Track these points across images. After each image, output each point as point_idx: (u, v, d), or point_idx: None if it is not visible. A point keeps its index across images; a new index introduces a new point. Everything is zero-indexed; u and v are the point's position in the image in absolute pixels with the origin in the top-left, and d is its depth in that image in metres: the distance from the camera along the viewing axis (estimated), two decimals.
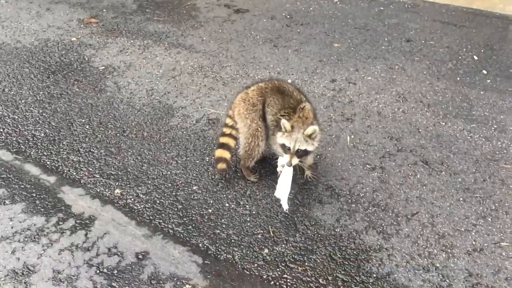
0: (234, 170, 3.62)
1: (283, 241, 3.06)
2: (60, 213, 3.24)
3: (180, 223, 3.18)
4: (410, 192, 3.42)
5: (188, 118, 4.23)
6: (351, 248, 3.01)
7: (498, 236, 3.05)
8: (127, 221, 3.19)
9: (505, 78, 4.76)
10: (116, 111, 4.32)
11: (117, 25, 6.01)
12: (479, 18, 6.15)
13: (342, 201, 3.36)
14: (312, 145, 3.13)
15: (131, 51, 5.37)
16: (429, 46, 5.46)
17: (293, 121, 3.15)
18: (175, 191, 3.45)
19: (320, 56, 5.27)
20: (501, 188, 3.42)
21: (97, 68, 5.01)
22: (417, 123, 4.14)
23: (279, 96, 3.32)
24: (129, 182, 3.52)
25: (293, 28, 5.98)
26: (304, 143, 3.08)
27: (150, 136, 4.00)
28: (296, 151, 3.09)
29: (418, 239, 3.05)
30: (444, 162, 3.68)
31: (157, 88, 4.67)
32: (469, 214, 3.22)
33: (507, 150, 3.78)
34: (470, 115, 4.22)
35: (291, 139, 3.08)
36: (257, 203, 3.35)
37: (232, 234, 3.11)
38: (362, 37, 5.72)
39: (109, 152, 3.82)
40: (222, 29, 5.98)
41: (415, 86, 4.68)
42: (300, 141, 3.07)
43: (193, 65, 5.09)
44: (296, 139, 3.06)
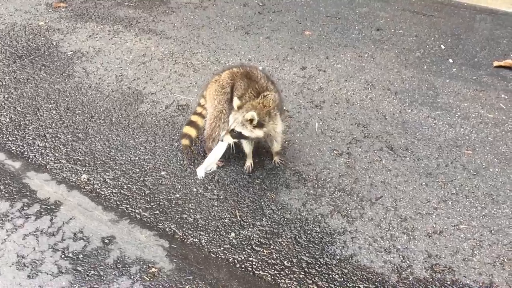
0: (203, 155, 3.63)
1: (250, 225, 3.10)
2: (25, 199, 3.21)
3: (147, 208, 3.19)
4: (375, 177, 3.50)
5: (158, 104, 4.22)
6: (316, 231, 3.07)
7: (457, 219, 3.15)
8: (94, 206, 3.18)
9: (470, 67, 4.88)
10: (84, 96, 4.27)
11: (86, 9, 5.90)
12: (448, 8, 6.26)
13: (308, 186, 3.41)
14: (249, 132, 3.12)
15: (101, 36, 5.29)
16: (398, 35, 5.54)
17: (247, 103, 3.18)
18: (143, 176, 3.44)
19: (291, 43, 5.30)
20: (462, 173, 3.53)
21: (65, 53, 4.93)
22: (384, 110, 4.22)
23: (246, 81, 3.36)
24: (96, 167, 3.50)
25: (265, 16, 5.98)
26: (240, 126, 3.10)
27: (118, 122, 3.97)
28: (231, 130, 3.13)
29: (381, 222, 3.13)
30: (409, 148, 3.77)
31: (127, 74, 4.63)
32: (431, 198, 3.32)
33: (469, 137, 3.89)
34: (435, 102, 4.32)
35: (233, 118, 3.15)
36: (225, 188, 3.37)
37: (199, 218, 3.13)
38: (333, 25, 5.76)
39: (76, 137, 3.78)
40: (194, 15, 5.94)
41: (383, 74, 4.75)
42: (238, 122, 3.10)
43: (163, 51, 5.05)
44: (236, 119, 3.12)
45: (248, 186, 3.40)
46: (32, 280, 2.72)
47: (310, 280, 2.78)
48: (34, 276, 2.74)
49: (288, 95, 4.36)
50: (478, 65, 4.92)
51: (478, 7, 6.33)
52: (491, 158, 3.66)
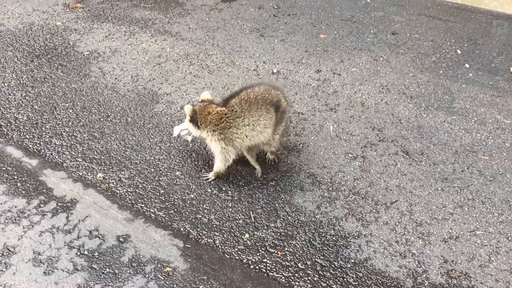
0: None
1: (264, 227, 3.10)
2: (41, 196, 3.24)
3: (162, 208, 3.20)
4: (390, 181, 3.48)
5: (173, 104, 4.24)
6: (330, 234, 3.06)
7: (473, 225, 3.12)
8: (109, 204, 3.20)
9: (486, 72, 4.84)
10: (100, 96, 4.30)
11: (103, 10, 5.96)
12: (464, 13, 6.22)
13: (323, 188, 3.40)
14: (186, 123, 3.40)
15: (117, 37, 5.34)
16: (414, 39, 5.52)
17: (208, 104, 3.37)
18: (158, 176, 3.46)
19: (306, 46, 5.29)
20: (479, 178, 3.50)
21: (82, 53, 4.98)
22: (400, 114, 4.20)
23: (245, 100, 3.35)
24: (111, 166, 3.52)
25: (280, 18, 5.99)
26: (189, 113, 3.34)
27: (134, 122, 3.99)
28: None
29: (396, 226, 3.11)
30: (424, 152, 3.75)
31: (142, 75, 4.66)
32: (447, 203, 3.29)
33: (485, 142, 3.85)
34: (451, 107, 4.29)
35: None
36: (239, 189, 3.37)
37: (214, 219, 3.14)
38: (348, 29, 5.75)
39: (92, 136, 3.81)
40: (209, 17, 5.96)
41: (398, 78, 4.73)
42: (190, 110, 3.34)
43: (179, 53, 5.08)
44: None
45: (262, 187, 3.39)
46: (48, 276, 2.74)
47: (324, 283, 2.77)
48: (50, 272, 2.76)
49: (303, 97, 4.36)
50: (495, 70, 4.88)
51: (495, 12, 6.28)
52: (508, 164, 3.62)
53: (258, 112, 3.23)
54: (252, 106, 3.22)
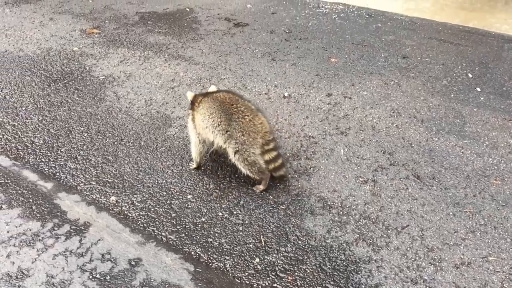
0: (229, 180, 3.68)
1: (274, 251, 3.11)
2: (55, 219, 3.29)
3: (174, 231, 3.23)
4: (401, 205, 3.47)
5: (185, 128, 4.30)
6: (341, 259, 3.05)
7: (486, 251, 3.09)
8: (121, 228, 3.24)
9: (498, 96, 4.84)
10: (115, 120, 4.39)
11: (118, 36, 6.11)
12: (475, 37, 6.25)
13: (333, 212, 3.41)
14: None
15: (132, 61, 5.46)
16: (425, 63, 5.55)
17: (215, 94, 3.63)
18: (169, 199, 3.50)
19: (317, 70, 5.36)
20: (491, 203, 3.47)
21: (98, 77, 5.10)
22: (410, 138, 4.20)
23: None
24: (124, 189, 3.58)
25: (291, 43, 6.07)
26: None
27: (147, 145, 4.06)
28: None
29: (407, 251, 3.10)
30: (436, 176, 3.74)
31: (156, 99, 4.75)
32: (459, 228, 3.27)
33: (497, 166, 3.84)
34: (462, 131, 4.29)
35: None
36: (250, 213, 3.40)
37: (224, 243, 3.16)
38: (359, 53, 5.81)
39: (106, 160, 3.88)
40: (221, 42, 6.08)
41: (409, 101, 4.75)
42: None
43: (192, 77, 5.17)
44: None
45: (273, 211, 3.41)
46: None
47: None
48: None
49: (314, 121, 4.40)
50: (506, 94, 4.88)
51: (506, 36, 6.30)
52: None
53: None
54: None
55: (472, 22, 6.76)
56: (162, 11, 7.08)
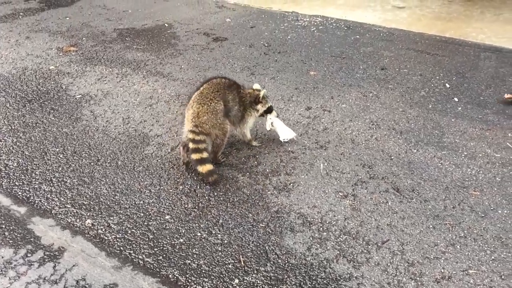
0: (208, 199, 3.63)
1: (254, 271, 3.05)
2: (29, 245, 3.20)
3: (151, 254, 3.17)
4: (381, 219, 3.45)
5: (164, 146, 4.25)
6: (321, 277, 3.01)
7: (466, 264, 3.08)
8: (97, 252, 3.17)
9: (475, 105, 4.88)
10: (91, 139, 4.32)
11: (96, 53, 6.05)
12: (452, 47, 6.32)
13: (313, 229, 3.37)
14: None
15: (109, 79, 5.40)
16: (403, 74, 5.59)
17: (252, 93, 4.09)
18: (147, 220, 3.44)
19: (296, 83, 5.35)
20: (470, 215, 3.47)
21: (74, 96, 5.03)
22: (390, 150, 4.20)
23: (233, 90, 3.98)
24: (101, 212, 3.50)
25: (270, 56, 6.08)
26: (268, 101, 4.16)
27: (124, 165, 4.00)
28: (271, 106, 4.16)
29: (387, 267, 3.07)
30: (415, 189, 3.73)
31: (134, 117, 4.69)
32: (439, 242, 3.25)
33: (476, 177, 3.85)
34: (441, 142, 4.30)
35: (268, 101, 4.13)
36: (229, 232, 3.35)
37: (203, 264, 3.10)
38: (338, 65, 5.83)
39: (82, 181, 3.80)
40: (200, 57, 6.06)
41: (388, 113, 4.77)
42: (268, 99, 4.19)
43: (170, 93, 5.13)
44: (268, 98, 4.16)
45: (253, 230, 3.37)
46: None
47: None
48: None
49: None
50: (483, 103, 4.92)
51: (483, 45, 6.39)
52: (499, 199, 3.61)
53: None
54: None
55: (449, 32, 6.85)
56: (141, 27, 7.05)
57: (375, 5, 8.28)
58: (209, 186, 3.73)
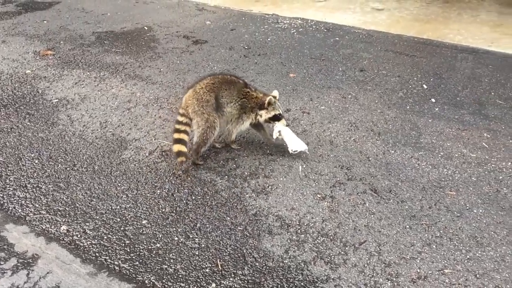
0: (185, 203, 3.60)
1: (231, 275, 3.04)
2: (1, 253, 3.14)
3: (127, 259, 3.13)
4: (358, 220, 3.46)
5: (141, 150, 4.21)
6: (298, 279, 3.01)
7: (442, 263, 3.10)
8: (72, 259, 3.12)
9: (452, 106, 4.94)
10: (68, 144, 4.26)
11: (73, 56, 5.98)
12: (430, 48, 6.39)
13: (291, 231, 3.37)
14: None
15: (87, 83, 5.34)
16: (381, 75, 5.63)
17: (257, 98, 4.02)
18: (123, 226, 3.40)
19: (276, 86, 5.35)
20: (446, 215, 3.50)
21: (51, 101, 4.96)
22: (368, 151, 4.23)
23: (230, 87, 3.96)
24: (76, 218, 3.46)
25: (250, 59, 6.08)
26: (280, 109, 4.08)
27: (101, 170, 3.95)
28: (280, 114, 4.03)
29: (364, 268, 3.08)
30: (392, 190, 3.76)
31: (111, 121, 4.64)
32: (415, 242, 3.28)
33: (452, 177, 3.89)
34: (418, 142, 4.34)
35: (278, 107, 4.02)
36: (207, 236, 3.33)
37: (180, 268, 3.07)
38: (318, 67, 5.86)
39: (58, 187, 3.75)
40: (180, 60, 6.03)
41: (366, 115, 4.79)
42: (279, 108, 4.06)
43: (149, 97, 5.09)
44: (276, 107, 4.01)
45: (230, 233, 3.35)
46: None
47: None
48: None
49: None
50: (460, 104, 4.98)
51: (460, 46, 6.47)
52: (475, 199, 3.65)
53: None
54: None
55: (427, 33, 6.93)
56: (120, 30, 7.00)
57: (354, 7, 8.34)
58: (187, 190, 3.70)
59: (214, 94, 3.90)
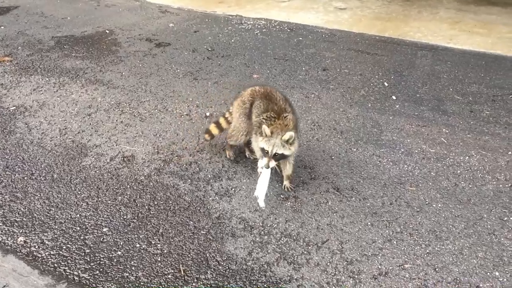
0: (148, 208, 3.56)
1: (194, 280, 3.01)
2: None
3: (87, 269, 3.07)
4: (321, 219, 3.49)
5: (102, 156, 4.14)
6: (261, 281, 3.01)
7: (402, 259, 3.15)
8: (30, 270, 3.03)
9: (412, 102, 5.03)
10: (25, 153, 4.15)
11: (32, 62, 5.84)
12: (391, 46, 6.50)
13: (255, 233, 3.37)
14: (289, 150, 3.43)
15: (46, 89, 5.22)
16: (344, 74, 5.69)
17: (273, 127, 3.46)
18: (83, 234, 3.33)
19: (239, 87, 5.34)
20: (406, 210, 3.56)
21: (8, 108, 4.82)
22: (330, 150, 4.26)
23: (265, 101, 3.67)
24: (34, 228, 3.37)
25: (214, 61, 6.05)
26: (281, 148, 3.40)
27: (60, 178, 3.86)
28: (274, 155, 3.41)
29: (327, 267, 3.10)
30: (354, 187, 3.80)
31: (71, 127, 4.54)
32: (376, 238, 3.32)
33: (412, 173, 3.96)
34: (379, 140, 4.40)
35: (270, 143, 3.41)
36: (169, 241, 3.29)
37: (142, 276, 3.03)
38: (281, 67, 5.88)
39: (15, 197, 3.64)
40: (142, 63, 5.96)
41: (329, 113, 4.83)
42: (278, 145, 3.39)
43: (110, 102, 5.01)
44: (274, 143, 3.39)
45: (193, 237, 3.32)
46: None
47: None
48: None
49: None
50: (420, 100, 5.08)
51: (419, 43, 6.60)
52: (434, 194, 3.72)
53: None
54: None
55: (388, 31, 7.04)
56: (80, 34, 6.86)
57: (317, 7, 8.40)
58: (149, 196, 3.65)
59: (251, 101, 3.77)
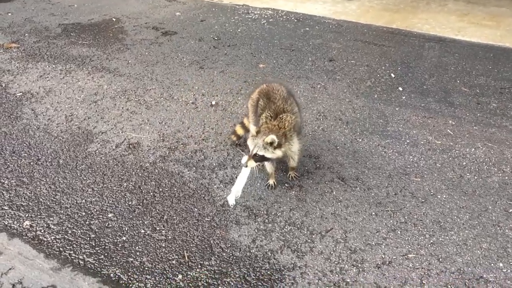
0: (152, 195, 3.57)
1: (198, 266, 3.03)
2: None
3: (92, 253, 3.09)
4: (325, 208, 3.49)
5: (108, 143, 4.15)
6: (265, 268, 3.02)
7: (406, 248, 3.15)
8: (35, 254, 3.06)
9: (419, 94, 5.00)
10: (32, 138, 4.17)
11: (39, 49, 5.85)
12: (398, 37, 6.45)
13: (259, 221, 3.38)
14: (271, 153, 3.31)
15: (52, 76, 5.23)
16: (350, 65, 5.66)
17: (263, 127, 3.40)
18: (88, 219, 3.35)
19: (245, 76, 5.34)
20: (411, 201, 3.56)
21: (14, 94, 4.84)
22: (336, 140, 4.25)
23: (265, 100, 3.60)
24: (40, 212, 3.39)
25: (220, 50, 6.04)
26: (262, 149, 3.28)
27: (66, 164, 3.88)
28: (254, 155, 3.30)
29: (330, 255, 3.11)
30: (359, 177, 3.79)
31: (77, 114, 4.56)
32: (380, 228, 3.32)
33: (417, 164, 3.94)
34: (385, 131, 4.39)
35: (253, 143, 3.33)
36: (174, 228, 3.31)
37: (146, 261, 3.05)
38: (287, 57, 5.85)
39: (21, 182, 3.67)
40: (148, 51, 5.95)
41: (335, 104, 4.82)
42: (259, 147, 3.28)
43: (116, 89, 5.01)
44: (256, 144, 3.29)
45: (198, 224, 3.34)
46: None
47: None
48: None
49: None
50: (426, 92, 5.05)
51: (427, 35, 6.55)
52: (439, 185, 3.71)
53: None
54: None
55: (396, 23, 6.99)
56: (87, 22, 6.86)
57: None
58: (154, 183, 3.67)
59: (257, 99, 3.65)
